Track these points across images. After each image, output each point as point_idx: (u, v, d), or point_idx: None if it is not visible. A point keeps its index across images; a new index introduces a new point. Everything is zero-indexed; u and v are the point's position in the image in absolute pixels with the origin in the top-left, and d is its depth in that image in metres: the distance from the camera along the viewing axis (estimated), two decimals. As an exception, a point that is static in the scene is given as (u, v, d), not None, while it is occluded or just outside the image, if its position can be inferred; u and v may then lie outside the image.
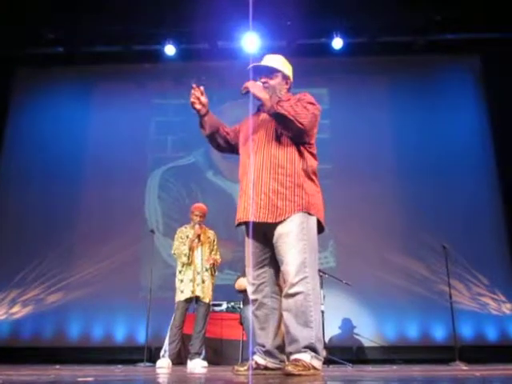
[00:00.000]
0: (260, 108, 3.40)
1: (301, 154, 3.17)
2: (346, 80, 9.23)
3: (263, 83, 3.30)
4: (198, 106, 3.34)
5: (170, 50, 8.98)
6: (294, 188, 3.08)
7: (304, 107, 3.10)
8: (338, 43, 8.77)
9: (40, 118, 9.40)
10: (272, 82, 3.33)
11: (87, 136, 9.35)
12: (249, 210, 3.10)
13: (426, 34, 8.76)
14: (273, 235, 3.08)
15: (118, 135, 9.19)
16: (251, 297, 3.22)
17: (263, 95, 3.16)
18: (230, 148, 3.55)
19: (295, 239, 3.00)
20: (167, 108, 9.52)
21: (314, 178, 3.21)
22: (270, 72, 3.35)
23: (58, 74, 9.62)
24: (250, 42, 8.73)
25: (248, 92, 3.18)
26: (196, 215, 6.10)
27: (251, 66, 3.35)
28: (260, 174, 3.13)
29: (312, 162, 3.23)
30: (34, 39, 8.94)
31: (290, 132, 3.13)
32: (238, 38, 8.79)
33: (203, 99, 3.35)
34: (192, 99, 3.33)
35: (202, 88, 3.35)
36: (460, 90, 9.20)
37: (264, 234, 3.14)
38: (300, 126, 3.06)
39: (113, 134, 9.20)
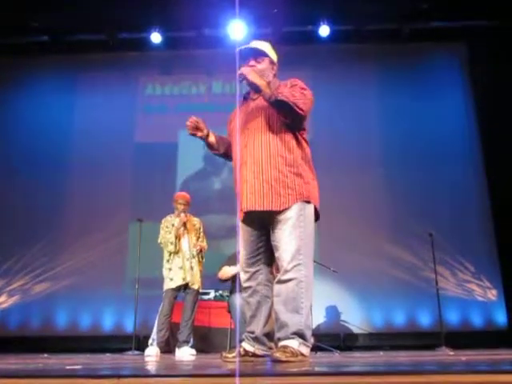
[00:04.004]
0: (246, 97, 3.39)
1: (297, 141, 3.18)
2: (332, 68, 9.20)
3: (251, 67, 3.27)
4: (199, 134, 3.40)
5: (155, 37, 8.92)
6: (294, 177, 3.09)
7: (301, 93, 3.10)
8: (324, 31, 8.77)
9: (24, 108, 9.31)
10: (260, 66, 3.30)
11: (72, 125, 9.28)
12: (252, 200, 3.09)
13: (413, 22, 8.78)
14: (270, 222, 3.08)
15: (104, 124, 9.12)
16: (244, 284, 3.22)
17: (261, 82, 3.15)
18: None
19: (292, 226, 3.01)
20: (153, 96, 9.47)
21: (310, 164, 3.22)
22: (258, 55, 3.32)
23: (42, 63, 9.53)
24: (236, 29, 8.68)
25: (245, 79, 3.16)
26: (180, 203, 6.11)
27: (239, 48, 3.32)
28: (260, 163, 3.11)
29: (307, 149, 3.24)
30: (17, 28, 8.85)
31: (289, 118, 3.13)
32: (224, 25, 8.75)
33: (200, 125, 3.39)
34: (191, 132, 3.38)
35: (194, 118, 3.37)
36: (447, 78, 9.23)
37: (261, 221, 3.14)
38: (300, 111, 3.06)
39: (98, 123, 9.13)
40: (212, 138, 3.47)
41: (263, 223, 3.13)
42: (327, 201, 8.08)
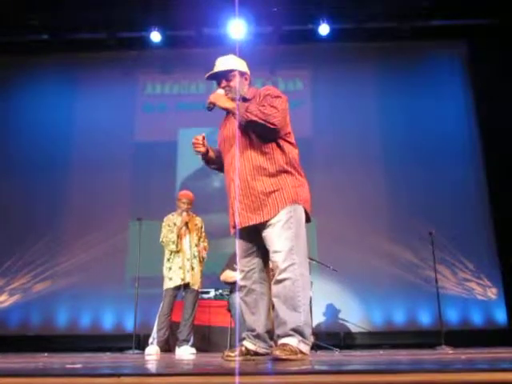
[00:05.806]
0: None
1: (280, 148, 3.18)
2: (332, 66, 9.20)
3: (224, 88, 3.36)
4: (201, 150, 3.40)
5: (155, 36, 8.92)
6: (280, 186, 3.11)
7: (271, 105, 3.11)
8: (324, 29, 8.75)
9: (24, 106, 9.30)
10: (232, 84, 3.37)
11: (72, 124, 9.28)
12: (244, 216, 3.12)
13: (413, 20, 8.77)
14: (262, 227, 3.10)
15: (103, 122, 9.11)
16: (240, 283, 3.25)
17: (230, 105, 3.23)
18: None
19: (281, 228, 3.04)
20: (153, 95, 9.46)
21: (297, 168, 3.23)
22: (226, 74, 3.38)
23: (42, 61, 9.52)
24: (235, 28, 8.67)
25: (214, 106, 3.27)
26: (183, 202, 6.09)
27: (206, 76, 3.48)
28: (246, 179, 3.14)
29: (293, 152, 3.24)
30: (17, 26, 8.84)
31: (264, 135, 3.15)
32: (223, 24, 8.73)
33: (204, 141, 3.42)
34: (197, 150, 3.40)
35: (200, 136, 3.40)
36: (447, 76, 9.22)
37: (253, 227, 3.16)
38: (272, 126, 3.08)
39: (98, 122, 9.13)
40: (211, 153, 3.50)
41: (256, 226, 3.15)
42: (327, 199, 8.12)
